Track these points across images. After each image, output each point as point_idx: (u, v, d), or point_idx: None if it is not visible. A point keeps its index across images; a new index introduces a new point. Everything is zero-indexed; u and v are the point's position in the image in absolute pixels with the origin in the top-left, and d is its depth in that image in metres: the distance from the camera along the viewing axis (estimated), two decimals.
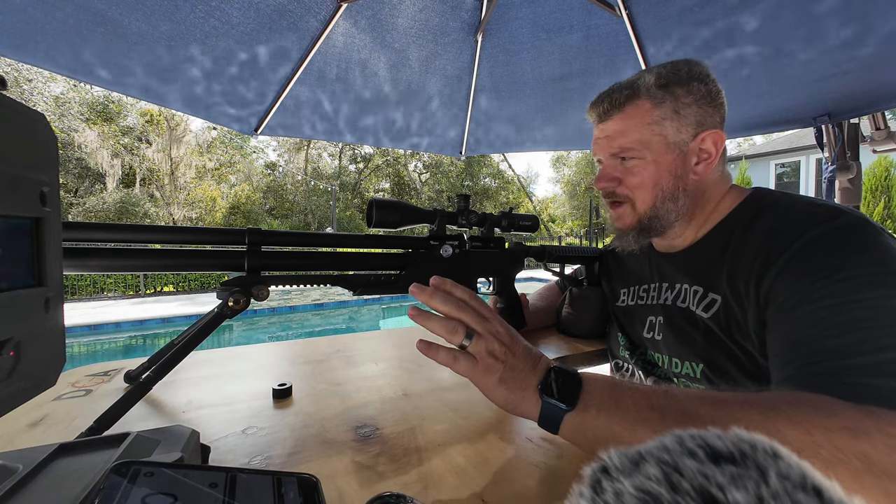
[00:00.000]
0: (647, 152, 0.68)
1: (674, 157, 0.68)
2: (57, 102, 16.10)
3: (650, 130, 0.67)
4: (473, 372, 0.47)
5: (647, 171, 0.69)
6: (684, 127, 0.67)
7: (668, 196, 0.69)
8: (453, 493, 0.40)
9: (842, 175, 1.81)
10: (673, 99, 0.67)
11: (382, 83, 1.81)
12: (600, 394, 0.45)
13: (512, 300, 0.95)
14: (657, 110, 0.67)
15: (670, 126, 0.67)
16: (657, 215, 0.71)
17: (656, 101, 0.67)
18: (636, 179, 0.70)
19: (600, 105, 0.72)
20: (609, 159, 0.73)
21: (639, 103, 0.68)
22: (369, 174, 25.66)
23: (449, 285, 0.50)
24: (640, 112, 0.68)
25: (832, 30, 1.22)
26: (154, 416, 0.59)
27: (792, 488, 0.14)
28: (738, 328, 0.61)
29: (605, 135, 0.72)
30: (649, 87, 0.67)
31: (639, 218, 0.73)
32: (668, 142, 0.67)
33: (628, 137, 0.69)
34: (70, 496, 0.28)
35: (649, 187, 0.69)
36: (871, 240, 0.52)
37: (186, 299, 10.48)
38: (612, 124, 0.71)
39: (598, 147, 0.75)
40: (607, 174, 0.73)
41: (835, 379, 0.44)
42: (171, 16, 1.23)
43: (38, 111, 0.25)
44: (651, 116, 0.67)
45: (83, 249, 0.48)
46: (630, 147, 0.69)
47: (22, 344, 0.24)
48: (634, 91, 0.68)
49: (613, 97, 0.70)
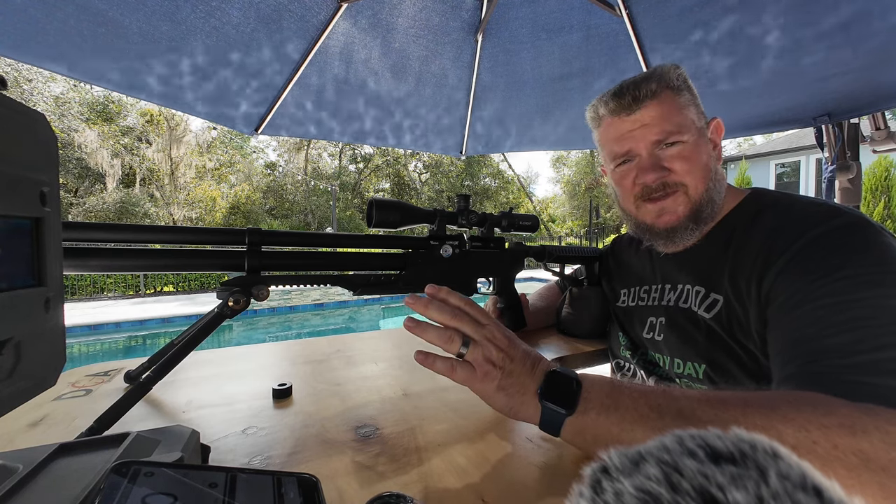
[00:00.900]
0: (688, 135, 0.67)
1: (705, 142, 0.69)
2: (57, 102, 16.11)
3: (683, 115, 0.68)
4: (472, 380, 0.47)
5: (694, 152, 0.68)
6: (699, 114, 0.70)
7: (714, 178, 0.69)
8: (453, 493, 0.40)
9: (842, 175, 1.82)
10: (687, 88, 0.70)
11: (382, 83, 1.81)
12: (599, 396, 0.45)
13: (512, 300, 0.95)
14: (681, 97, 0.68)
15: (693, 112, 0.69)
16: (711, 198, 0.69)
17: (678, 90, 0.68)
18: (686, 164, 0.67)
19: (629, 95, 0.69)
20: (650, 148, 0.69)
21: (667, 92, 0.68)
22: (369, 174, 25.67)
23: (444, 293, 0.50)
24: (671, 98, 0.68)
25: (832, 30, 1.22)
26: (154, 416, 0.59)
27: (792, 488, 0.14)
28: (739, 328, 0.61)
29: (642, 124, 0.68)
30: (672, 77, 0.68)
31: (692, 205, 0.69)
32: (696, 126, 0.68)
33: (670, 121, 0.67)
34: (70, 496, 0.28)
35: (700, 168, 0.68)
36: (872, 239, 0.52)
37: (186, 299, 10.48)
38: (647, 111, 0.68)
39: (630, 140, 0.70)
40: (653, 164, 0.69)
41: (834, 377, 0.44)
42: (171, 16, 1.23)
43: (38, 111, 0.25)
44: (679, 102, 0.68)
45: (83, 249, 0.48)
46: (674, 131, 0.67)
47: (22, 344, 0.24)
48: (662, 79, 0.68)
49: (642, 87, 0.68)
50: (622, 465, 0.16)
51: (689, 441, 0.16)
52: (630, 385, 0.46)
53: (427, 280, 0.76)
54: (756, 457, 0.15)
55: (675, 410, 0.42)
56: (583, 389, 0.45)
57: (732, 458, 0.15)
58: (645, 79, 0.69)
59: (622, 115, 0.70)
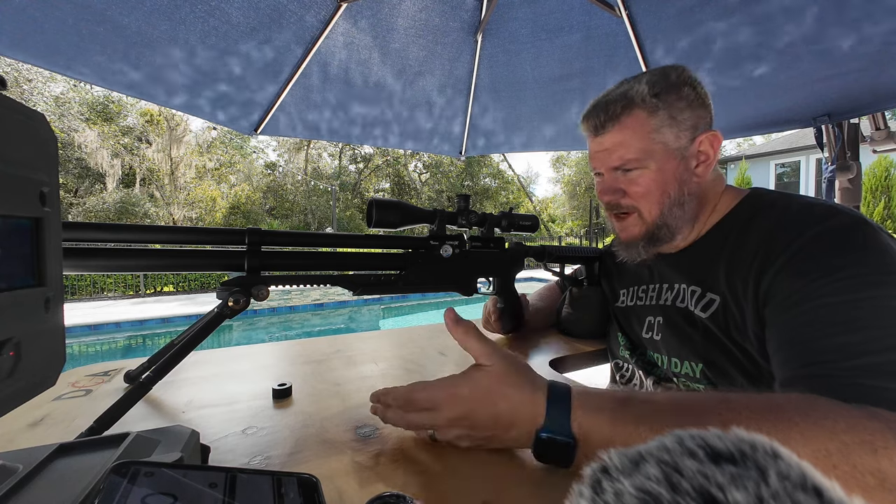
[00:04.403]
0: (649, 161, 0.67)
1: (676, 163, 0.68)
2: (57, 102, 16.11)
3: (650, 139, 0.67)
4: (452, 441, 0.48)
5: (651, 179, 0.68)
6: (682, 132, 0.67)
7: (675, 202, 0.69)
8: (453, 494, 0.40)
9: (842, 175, 1.82)
10: (667, 106, 0.66)
11: (382, 83, 1.81)
12: (599, 437, 0.42)
13: (512, 300, 0.95)
14: (654, 119, 0.66)
15: (669, 133, 0.66)
16: (666, 223, 0.70)
17: (652, 109, 0.66)
18: (640, 189, 0.69)
19: (595, 118, 0.70)
20: (610, 172, 0.72)
21: (635, 113, 0.67)
22: (369, 174, 25.66)
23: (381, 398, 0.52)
24: (638, 122, 0.67)
25: (832, 30, 1.22)
26: (154, 416, 0.59)
27: (792, 488, 0.14)
28: (736, 328, 0.61)
29: (604, 148, 0.70)
30: (644, 96, 0.66)
31: (647, 227, 0.71)
32: (669, 148, 0.67)
33: (629, 148, 0.68)
34: (70, 496, 0.28)
35: (656, 196, 0.69)
36: (870, 239, 0.52)
37: (186, 299, 10.48)
38: (609, 137, 0.69)
39: (596, 160, 0.73)
40: (610, 186, 0.72)
41: (837, 380, 0.44)
42: (170, 15, 1.23)
43: (38, 111, 0.25)
44: (650, 125, 0.66)
45: (83, 249, 0.48)
46: (632, 158, 0.68)
47: (22, 344, 0.24)
48: (629, 102, 0.67)
49: (609, 109, 0.68)
50: (622, 465, 0.16)
51: (688, 441, 0.16)
52: (632, 408, 0.43)
53: (427, 280, 0.76)
54: (756, 457, 0.15)
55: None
56: (580, 435, 0.42)
57: (732, 458, 0.15)
58: (613, 100, 0.68)
59: (593, 135, 0.73)
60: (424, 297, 10.65)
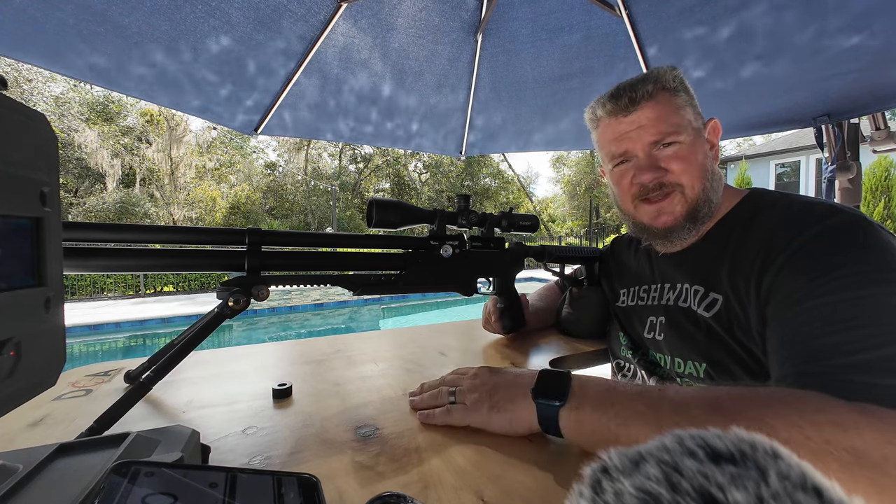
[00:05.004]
0: (684, 135, 0.68)
1: (702, 142, 0.70)
2: (57, 102, 16.11)
3: (679, 116, 0.68)
4: (467, 413, 0.54)
5: (690, 152, 0.68)
6: (696, 115, 0.70)
7: (713, 177, 0.70)
8: (453, 493, 0.40)
9: (842, 175, 1.82)
10: (684, 90, 0.70)
11: (382, 83, 1.81)
12: (594, 392, 0.48)
13: (512, 300, 0.95)
14: (678, 98, 0.69)
15: (690, 112, 0.69)
16: (708, 198, 0.69)
17: (675, 90, 0.69)
18: (682, 164, 0.68)
19: (625, 97, 0.69)
20: (647, 149, 0.69)
21: (664, 93, 0.69)
22: (369, 174, 25.65)
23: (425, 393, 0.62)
24: (668, 99, 0.69)
25: (832, 30, 1.22)
26: (154, 416, 0.59)
27: (792, 488, 0.14)
28: (739, 327, 0.62)
29: (639, 124, 0.69)
30: (666, 78, 0.69)
31: (689, 205, 0.69)
32: (693, 126, 0.69)
33: (665, 122, 0.68)
34: (70, 496, 0.28)
35: (697, 169, 0.68)
36: (871, 237, 0.52)
37: (186, 299, 10.48)
38: (643, 113, 0.68)
39: (628, 141, 0.71)
40: (650, 164, 0.69)
41: (830, 377, 0.45)
42: (170, 15, 1.23)
43: (38, 111, 0.25)
44: (676, 102, 0.69)
45: (83, 249, 0.48)
46: (670, 131, 0.68)
47: (22, 344, 0.24)
48: (658, 80, 0.69)
49: (639, 88, 0.69)
50: (622, 465, 0.16)
51: (688, 441, 0.16)
52: (626, 384, 0.49)
53: (427, 280, 0.76)
54: (756, 457, 0.15)
55: (669, 407, 0.44)
56: (576, 383, 0.49)
57: (732, 458, 0.15)
58: (641, 81, 0.69)
59: (619, 117, 0.71)
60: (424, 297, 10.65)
